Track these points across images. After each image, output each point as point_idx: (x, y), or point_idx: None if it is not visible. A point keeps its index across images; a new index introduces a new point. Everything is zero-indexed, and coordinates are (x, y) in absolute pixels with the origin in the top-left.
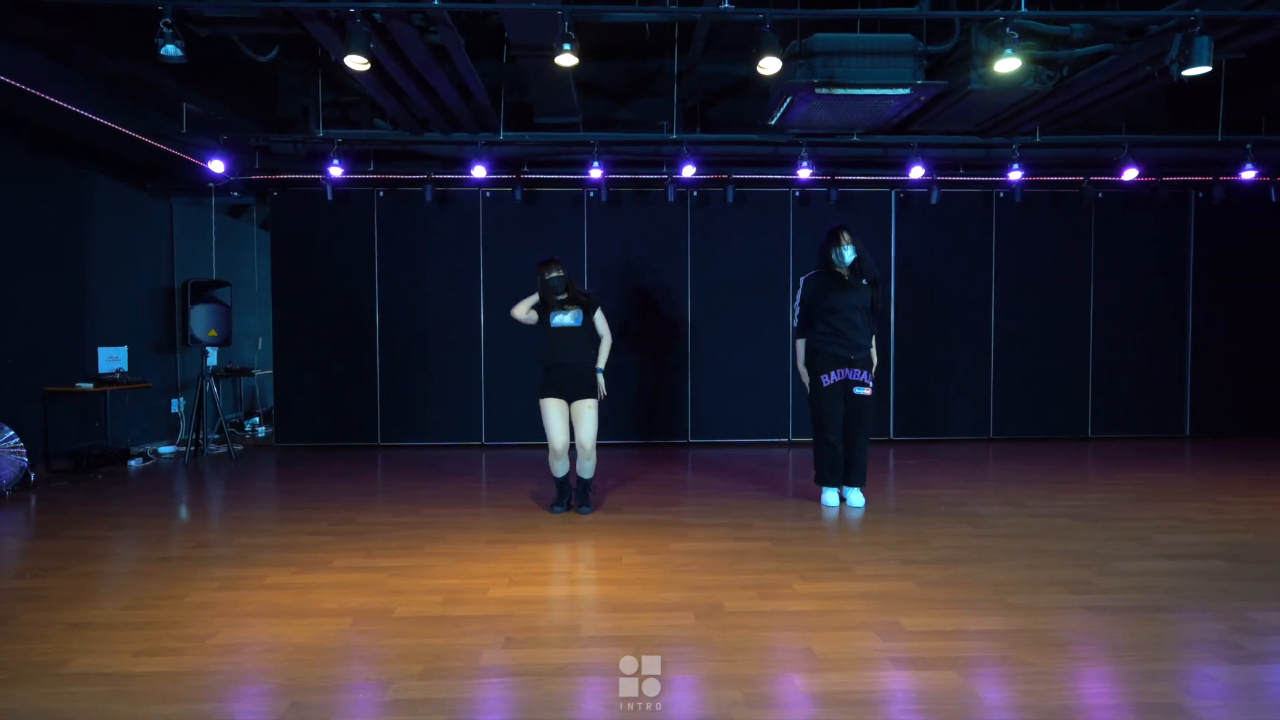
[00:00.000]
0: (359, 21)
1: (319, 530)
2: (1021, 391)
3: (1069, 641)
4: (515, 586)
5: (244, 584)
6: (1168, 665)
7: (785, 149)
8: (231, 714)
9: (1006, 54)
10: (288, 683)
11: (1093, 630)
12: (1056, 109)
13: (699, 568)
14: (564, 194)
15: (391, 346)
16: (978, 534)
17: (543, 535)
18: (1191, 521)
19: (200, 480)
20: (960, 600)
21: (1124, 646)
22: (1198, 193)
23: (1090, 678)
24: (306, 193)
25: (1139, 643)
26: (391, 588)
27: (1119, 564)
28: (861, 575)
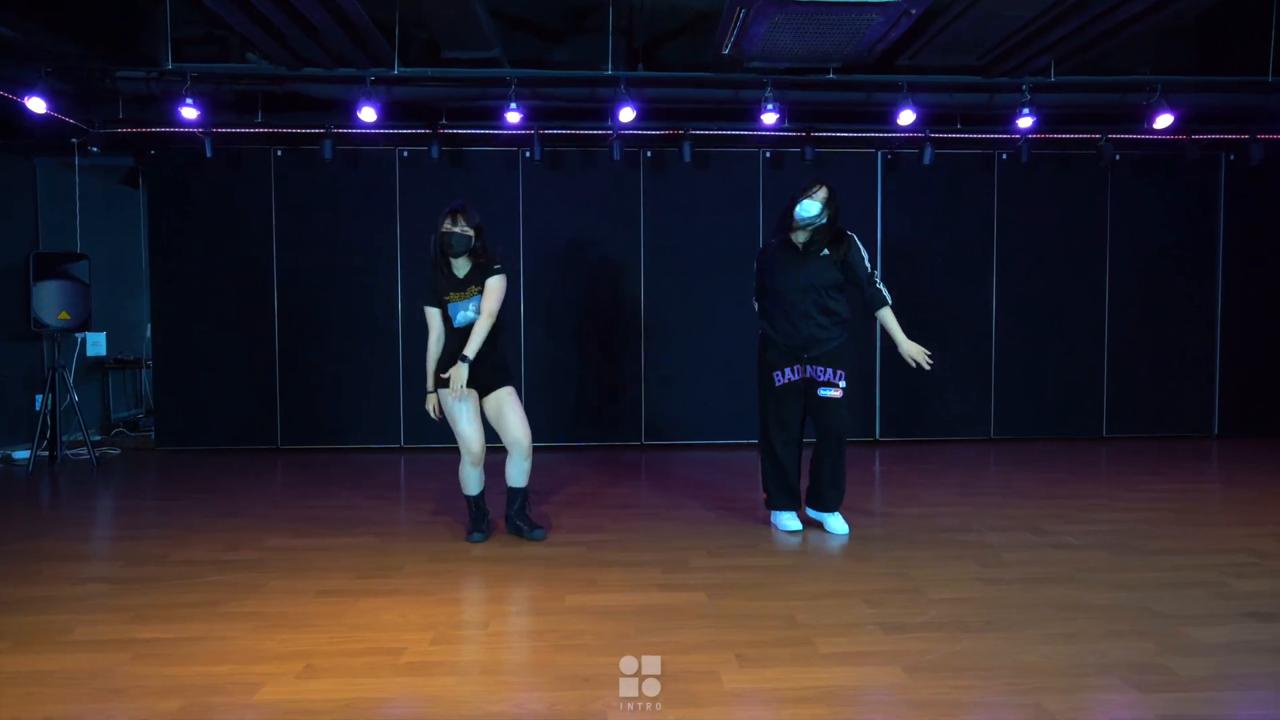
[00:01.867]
0: None
1: (102, 576)
2: (1026, 385)
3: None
4: (307, 679)
5: None
6: None
7: (747, 91)
8: None
9: None
10: None
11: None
12: (1078, 32)
13: (593, 638)
14: (494, 154)
15: (293, 334)
16: (987, 578)
17: (401, 582)
18: (1268, 556)
19: (25, 494)
20: (966, 704)
21: None
22: (1229, 155)
23: None
24: (189, 151)
25: None
26: (117, 683)
27: (1193, 631)
28: (826, 653)
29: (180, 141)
